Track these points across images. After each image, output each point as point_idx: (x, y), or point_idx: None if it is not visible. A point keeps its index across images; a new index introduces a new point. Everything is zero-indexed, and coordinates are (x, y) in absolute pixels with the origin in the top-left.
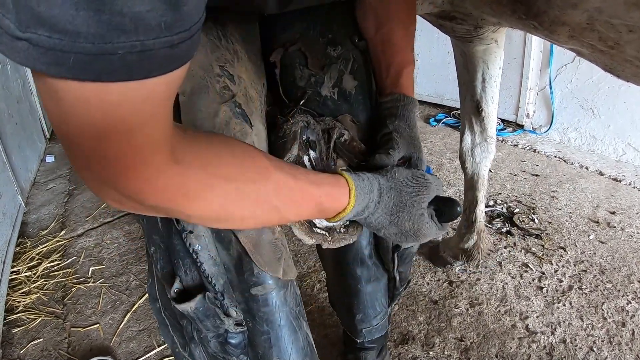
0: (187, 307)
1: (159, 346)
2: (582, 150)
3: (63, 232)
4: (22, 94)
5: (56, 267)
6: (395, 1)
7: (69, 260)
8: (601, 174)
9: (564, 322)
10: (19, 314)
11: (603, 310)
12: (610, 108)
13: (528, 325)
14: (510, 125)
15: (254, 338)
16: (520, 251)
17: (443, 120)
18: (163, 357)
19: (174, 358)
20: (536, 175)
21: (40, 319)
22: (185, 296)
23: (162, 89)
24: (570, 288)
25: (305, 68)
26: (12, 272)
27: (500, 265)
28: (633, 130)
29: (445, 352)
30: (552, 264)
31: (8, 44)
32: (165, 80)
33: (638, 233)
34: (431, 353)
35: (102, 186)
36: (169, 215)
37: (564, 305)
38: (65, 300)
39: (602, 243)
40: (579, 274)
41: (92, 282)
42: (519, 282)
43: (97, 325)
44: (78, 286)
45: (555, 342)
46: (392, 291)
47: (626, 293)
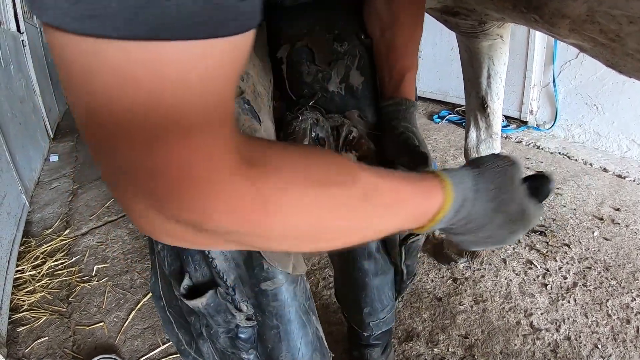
0: (199, 303)
1: (164, 344)
2: (586, 146)
3: (67, 231)
4: (26, 94)
5: (61, 266)
6: (401, 6)
7: (74, 259)
8: (605, 171)
9: (569, 319)
10: (24, 313)
11: (607, 307)
12: (614, 104)
13: (532, 322)
14: (514, 121)
15: (264, 332)
16: (524, 248)
17: (446, 117)
18: (168, 355)
19: (180, 355)
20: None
21: (45, 318)
22: (194, 292)
23: (229, 61)
24: (574, 285)
25: (312, 64)
26: (17, 271)
27: (504, 262)
28: (637, 126)
29: (449, 349)
30: (557, 261)
31: (38, 1)
32: (232, 47)
33: None
34: (435, 350)
35: (151, 211)
36: (243, 243)
37: (569, 302)
38: (69, 298)
39: (607, 240)
40: (584, 271)
41: (97, 281)
42: (524, 279)
43: (102, 323)
44: (82, 285)
45: (559, 339)
46: (399, 284)
47: (631, 290)
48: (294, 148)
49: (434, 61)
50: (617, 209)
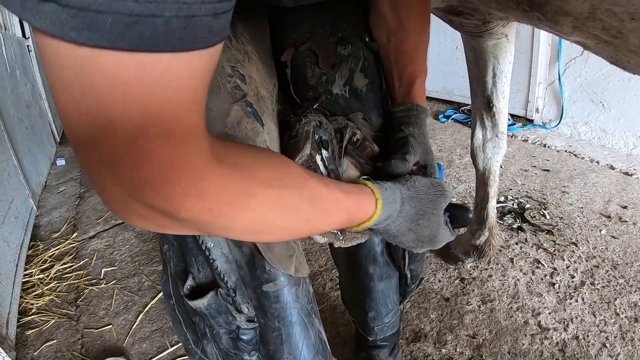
0: (200, 304)
1: (172, 346)
2: (593, 144)
3: (75, 235)
4: (32, 99)
5: (68, 269)
6: (407, 11)
7: (81, 262)
8: (612, 168)
9: (577, 318)
10: (33, 316)
11: (615, 305)
12: (620, 101)
13: (540, 321)
14: (519, 120)
15: (266, 334)
16: (531, 247)
17: (452, 116)
18: (176, 357)
19: (187, 354)
20: (547, 170)
21: (53, 321)
22: (198, 293)
23: (204, 69)
24: (582, 284)
25: (316, 67)
26: (25, 275)
27: (511, 261)
28: None
29: (457, 350)
30: (564, 260)
31: (32, 9)
32: (206, 57)
33: None
34: (443, 350)
35: (128, 199)
36: (203, 230)
37: (576, 301)
38: (78, 302)
39: (614, 238)
40: (591, 270)
41: (105, 284)
42: (531, 279)
43: (110, 326)
44: (90, 288)
45: (567, 339)
46: (404, 288)
47: (639, 288)
48: (253, 150)
49: (439, 60)
50: (625, 207)
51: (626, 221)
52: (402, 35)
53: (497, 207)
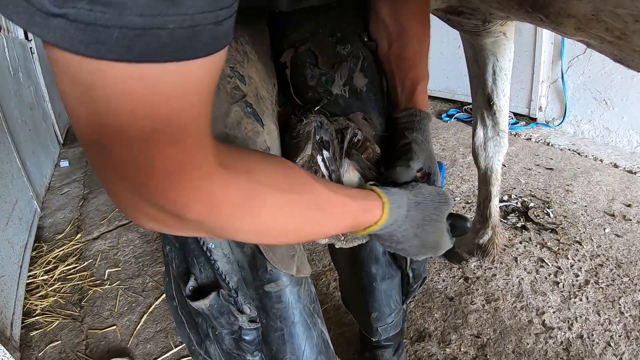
0: (202, 305)
1: (176, 347)
2: (596, 142)
3: (79, 236)
4: (35, 101)
5: (72, 270)
6: (407, 16)
7: (85, 263)
8: (616, 166)
9: (581, 317)
10: (37, 317)
11: (620, 304)
12: (623, 99)
13: (545, 320)
14: (522, 118)
15: (268, 334)
16: (535, 246)
17: (455, 115)
18: (180, 358)
19: (190, 355)
20: (550, 168)
21: (57, 322)
22: (200, 294)
23: (208, 76)
24: (586, 282)
25: (315, 67)
26: (29, 276)
27: (515, 260)
28: None
29: (461, 349)
30: (568, 259)
31: (41, 24)
32: (210, 64)
33: None
34: (447, 350)
35: (137, 200)
36: (214, 233)
37: (581, 300)
38: (82, 302)
39: (618, 236)
40: (595, 268)
41: (109, 285)
42: (535, 278)
43: (114, 327)
44: (95, 289)
45: (572, 338)
46: (406, 288)
47: None
48: (259, 155)
49: (441, 59)
50: (629, 205)
51: (630, 219)
52: (403, 40)
53: (501, 206)
